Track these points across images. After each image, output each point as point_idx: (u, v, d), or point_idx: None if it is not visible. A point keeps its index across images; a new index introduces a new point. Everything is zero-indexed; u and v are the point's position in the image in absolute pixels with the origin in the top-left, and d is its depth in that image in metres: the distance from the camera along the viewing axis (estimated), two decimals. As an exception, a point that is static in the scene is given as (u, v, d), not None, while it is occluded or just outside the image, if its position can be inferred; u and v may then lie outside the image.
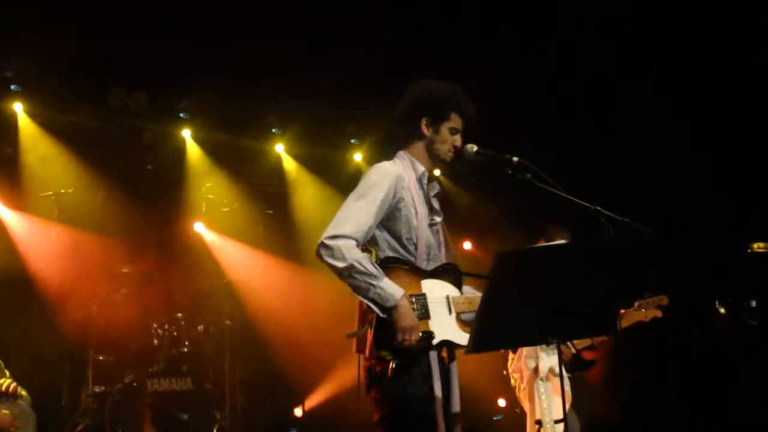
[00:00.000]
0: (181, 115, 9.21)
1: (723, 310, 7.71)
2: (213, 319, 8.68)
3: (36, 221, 8.36)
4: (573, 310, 3.67)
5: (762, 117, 8.03)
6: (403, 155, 4.24)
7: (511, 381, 6.07)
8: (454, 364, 4.10)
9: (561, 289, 3.59)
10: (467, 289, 4.23)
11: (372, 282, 3.82)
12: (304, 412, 9.46)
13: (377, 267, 3.88)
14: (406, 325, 3.81)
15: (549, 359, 5.69)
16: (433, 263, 4.13)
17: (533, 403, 5.69)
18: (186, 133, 9.34)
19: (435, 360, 3.94)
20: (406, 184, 4.11)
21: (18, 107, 8.38)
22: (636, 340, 6.57)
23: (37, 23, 7.41)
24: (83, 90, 8.38)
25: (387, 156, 4.29)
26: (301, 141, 9.92)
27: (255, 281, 9.48)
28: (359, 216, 3.93)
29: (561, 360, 4.02)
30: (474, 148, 4.18)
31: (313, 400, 9.38)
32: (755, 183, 8.44)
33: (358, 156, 10.07)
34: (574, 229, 5.79)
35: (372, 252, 4.02)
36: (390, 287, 3.83)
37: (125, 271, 8.41)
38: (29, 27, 7.41)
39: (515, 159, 4.04)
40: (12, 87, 8.29)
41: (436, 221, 4.22)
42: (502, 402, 9.02)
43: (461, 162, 4.28)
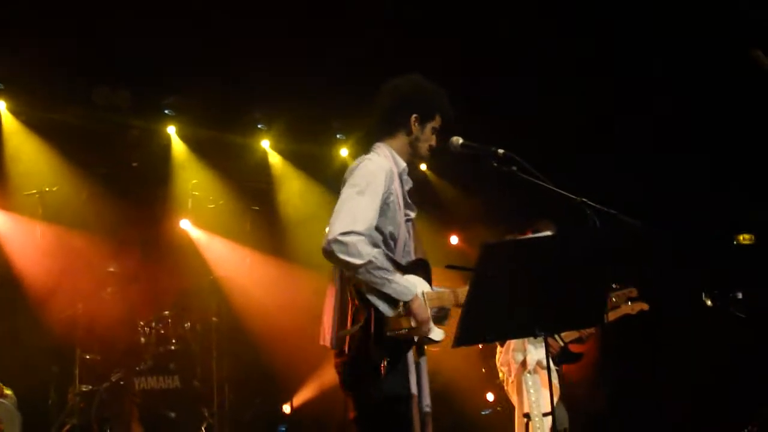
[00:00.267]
0: (166, 112, 9.18)
1: (709, 302, 7.73)
2: (200, 317, 8.65)
3: (20, 220, 8.31)
4: (560, 302, 3.68)
5: (745, 109, 8.04)
6: (384, 148, 4.17)
7: (499, 374, 6.07)
8: (424, 360, 4.07)
9: (548, 281, 3.59)
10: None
11: (388, 277, 3.81)
12: (292, 408, 9.45)
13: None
14: (424, 318, 3.85)
15: (537, 352, 5.68)
16: (407, 258, 4.12)
17: (521, 397, 5.68)
18: (171, 130, 9.31)
19: (411, 358, 3.94)
20: (394, 178, 4.10)
21: (1, 105, 8.34)
22: (623, 333, 6.59)
23: (21, 21, 7.37)
24: (67, 87, 8.34)
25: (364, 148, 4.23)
26: (287, 137, 9.91)
27: (242, 278, 9.45)
28: (367, 212, 3.88)
29: (548, 353, 4.01)
30: (459, 140, 4.17)
31: (302, 396, 9.37)
32: (741, 175, 8.47)
33: (344, 151, 10.04)
34: (561, 223, 5.79)
35: None
36: (404, 281, 3.86)
37: (111, 270, 8.37)
38: (12, 25, 7.37)
39: (500, 151, 4.03)
40: (-5, 85, 8.25)
41: (410, 216, 4.21)
42: (490, 396, 9.03)
43: (448, 156, 4.26)
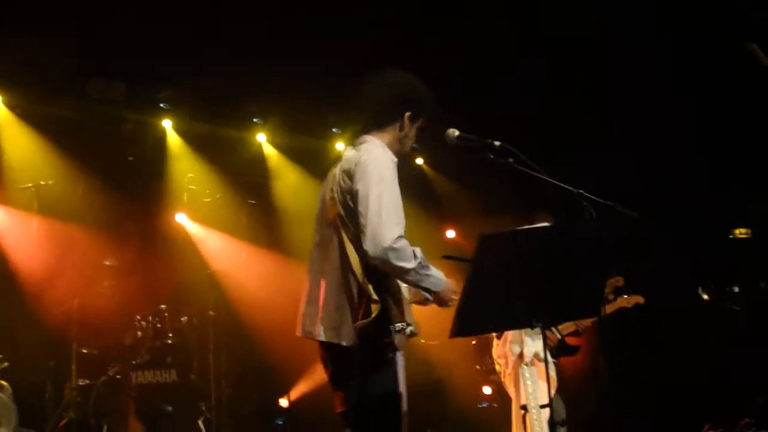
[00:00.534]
0: (162, 106, 9.15)
1: (706, 296, 7.75)
2: (197, 311, 8.65)
3: (16, 213, 8.29)
4: (557, 293, 3.67)
5: (744, 105, 8.05)
6: (376, 141, 4.11)
7: (496, 367, 6.08)
8: (401, 354, 4.02)
9: (545, 273, 3.58)
10: None
11: (428, 272, 3.84)
12: (290, 402, 9.45)
13: None
14: (447, 299, 3.92)
15: (534, 344, 5.70)
16: None
17: (518, 389, 5.70)
18: (167, 124, 9.28)
19: (400, 356, 3.93)
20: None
21: (-4, 100, 8.32)
22: (619, 325, 6.60)
23: (15, 14, 7.34)
24: (62, 81, 8.31)
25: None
26: (283, 130, 9.90)
27: (238, 271, 9.45)
28: (399, 210, 3.84)
29: (546, 344, 4.02)
30: (455, 132, 4.14)
31: (299, 390, 9.36)
32: (736, 169, 8.48)
33: (340, 145, 10.00)
34: (558, 214, 5.80)
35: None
36: (436, 272, 3.88)
37: (107, 264, 8.37)
38: (7, 18, 7.35)
39: (497, 143, 4.01)
40: (-9, 80, 8.23)
41: None
42: (487, 390, 9.03)
43: (445, 150, 4.25)
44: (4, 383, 5.58)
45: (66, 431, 7.49)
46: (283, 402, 9.49)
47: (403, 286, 3.98)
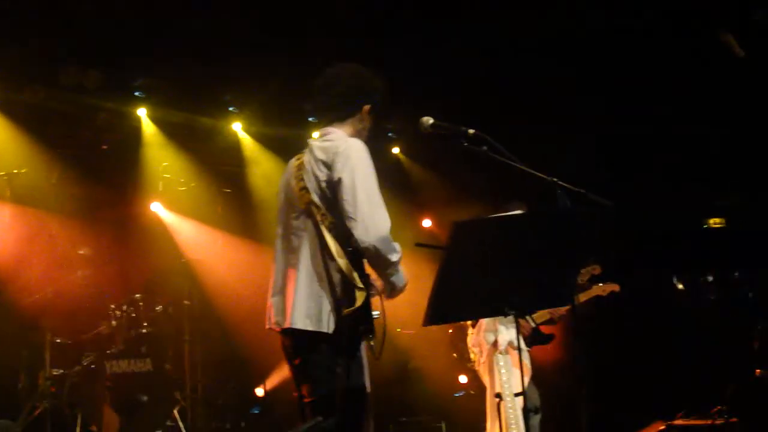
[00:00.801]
0: (137, 94, 9.06)
1: (681, 285, 7.81)
2: (171, 300, 8.62)
3: (-12, 203, 8.22)
4: (531, 281, 3.69)
5: (723, 95, 8.09)
6: (339, 132, 4.18)
7: (471, 355, 6.09)
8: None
9: (518, 260, 3.60)
10: None
11: (398, 268, 3.91)
12: (265, 391, 9.44)
13: None
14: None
15: (508, 332, 5.71)
16: None
17: (493, 377, 5.71)
18: (142, 112, 9.20)
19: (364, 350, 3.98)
20: None
21: (-33, 87, 8.22)
22: (594, 314, 6.63)
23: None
24: (36, 69, 8.22)
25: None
26: (259, 119, 9.84)
27: (213, 260, 9.41)
28: (382, 202, 3.90)
29: (519, 332, 4.03)
30: (430, 120, 4.15)
31: (274, 379, 9.35)
32: (712, 160, 8.54)
33: (316, 135, 9.96)
34: (532, 203, 5.82)
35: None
36: (403, 269, 3.94)
37: (81, 253, 8.30)
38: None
39: (471, 131, 4.02)
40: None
41: None
42: (463, 379, 9.06)
43: (419, 138, 4.26)
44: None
45: (40, 421, 7.43)
46: (259, 391, 9.48)
47: None
